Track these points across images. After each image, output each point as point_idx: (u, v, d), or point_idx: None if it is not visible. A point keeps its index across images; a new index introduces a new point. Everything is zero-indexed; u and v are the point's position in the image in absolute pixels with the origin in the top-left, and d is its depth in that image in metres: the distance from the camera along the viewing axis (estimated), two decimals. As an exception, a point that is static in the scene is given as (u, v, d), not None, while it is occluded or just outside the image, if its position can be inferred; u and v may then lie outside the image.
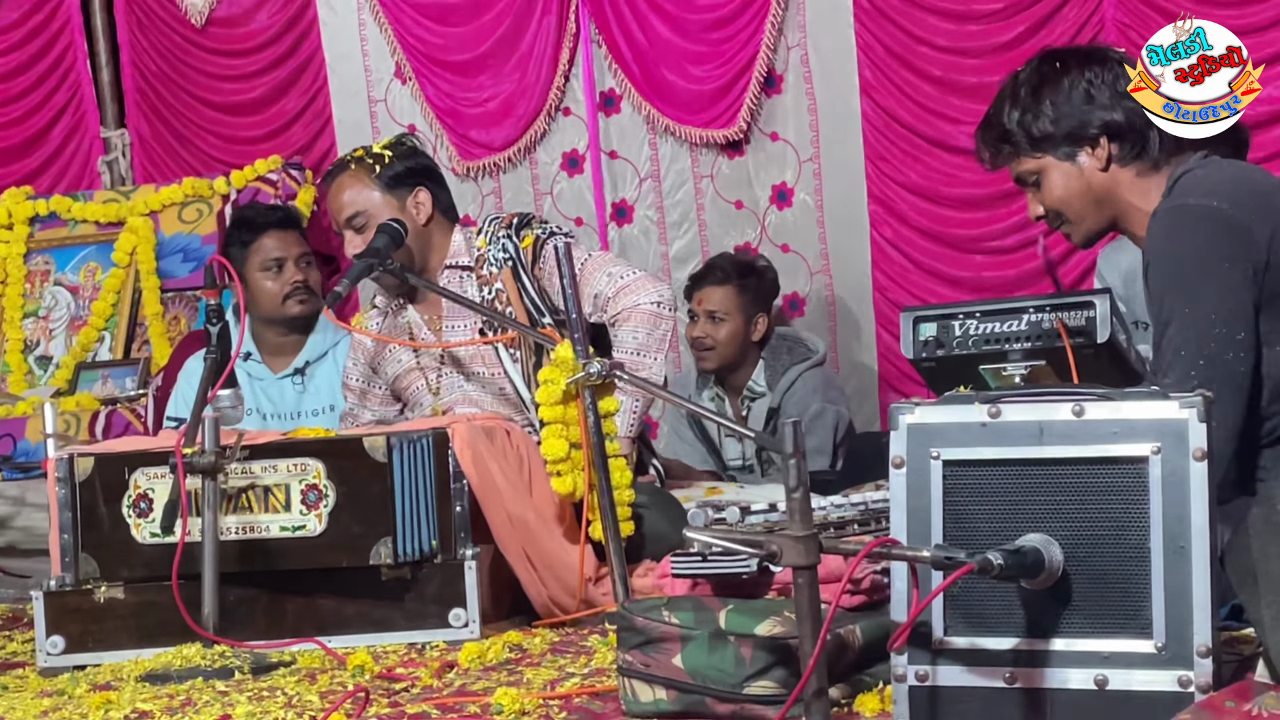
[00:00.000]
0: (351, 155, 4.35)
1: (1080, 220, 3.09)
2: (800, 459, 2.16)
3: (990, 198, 5.60)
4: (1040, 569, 2.18)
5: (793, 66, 5.90)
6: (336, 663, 3.24)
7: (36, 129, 6.97)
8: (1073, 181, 3.05)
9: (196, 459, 3.39)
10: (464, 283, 4.23)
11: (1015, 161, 3.12)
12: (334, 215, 4.30)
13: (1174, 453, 2.18)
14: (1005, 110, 3.10)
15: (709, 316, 5.45)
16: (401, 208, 4.24)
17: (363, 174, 4.26)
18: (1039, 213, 3.13)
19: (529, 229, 4.23)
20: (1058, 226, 3.14)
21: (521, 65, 6.19)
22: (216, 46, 6.71)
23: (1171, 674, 2.16)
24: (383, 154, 4.29)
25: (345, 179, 4.28)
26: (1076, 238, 3.15)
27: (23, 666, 3.63)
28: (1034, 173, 3.09)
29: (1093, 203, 3.06)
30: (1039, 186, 3.10)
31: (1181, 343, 2.80)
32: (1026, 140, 3.07)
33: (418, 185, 4.27)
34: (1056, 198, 3.08)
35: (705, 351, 5.47)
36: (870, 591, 2.63)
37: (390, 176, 4.25)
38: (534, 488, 3.69)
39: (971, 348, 3.27)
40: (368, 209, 4.24)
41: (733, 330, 5.44)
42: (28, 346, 6.40)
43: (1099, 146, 3.01)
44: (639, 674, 2.52)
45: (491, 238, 4.24)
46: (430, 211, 4.27)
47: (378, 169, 4.25)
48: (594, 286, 4.15)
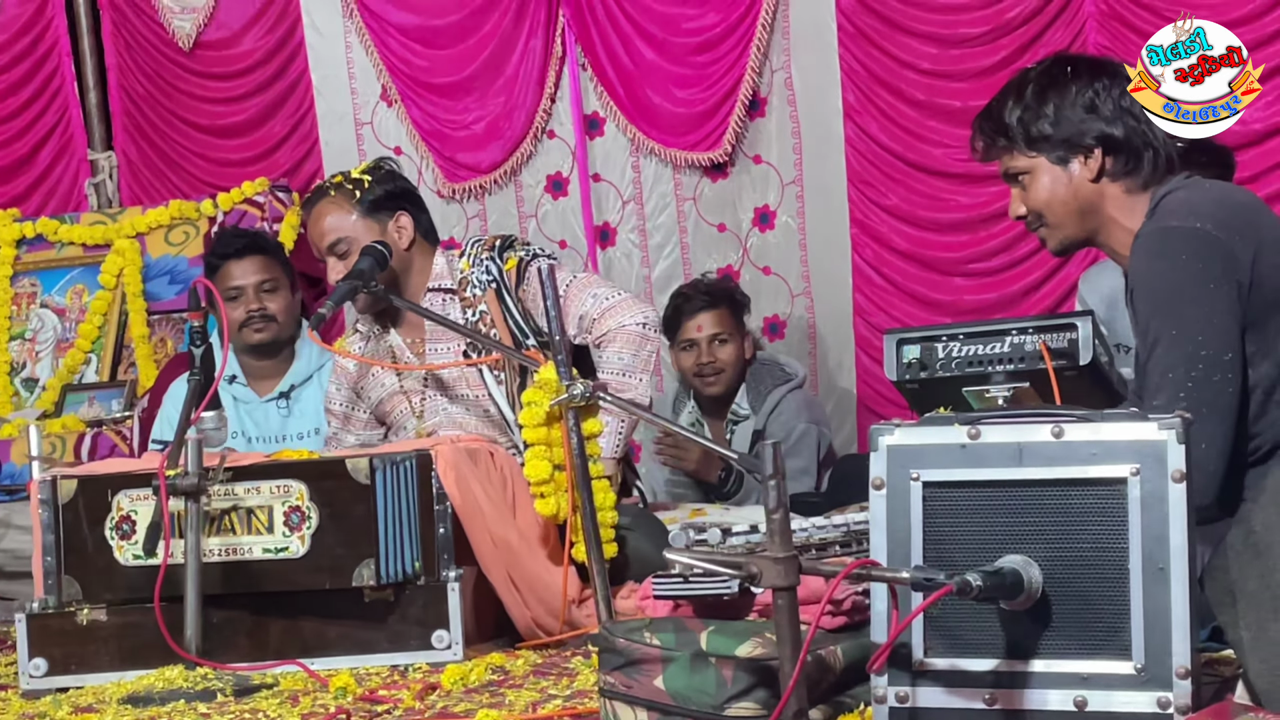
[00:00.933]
0: (330, 182, 4.34)
1: (1059, 226, 3.10)
2: (780, 480, 2.17)
3: (972, 221, 5.63)
4: (1019, 590, 2.18)
5: (776, 89, 5.92)
6: (319, 685, 3.24)
7: (24, 151, 6.97)
8: (1060, 187, 3.05)
9: (179, 481, 3.39)
10: (447, 305, 4.23)
11: (1008, 156, 3.11)
12: (315, 242, 4.29)
13: (1153, 474, 2.18)
14: (1009, 104, 3.09)
15: (713, 340, 5.37)
16: (383, 231, 4.24)
17: (342, 200, 4.25)
18: (1020, 212, 3.13)
19: (512, 251, 4.23)
20: (1036, 229, 3.14)
21: (507, 88, 6.21)
22: (204, 69, 6.72)
23: (1151, 695, 2.17)
24: (362, 179, 4.28)
25: (325, 205, 4.27)
26: (1052, 243, 3.15)
27: (5, 689, 3.63)
28: (1024, 170, 3.08)
29: (1076, 211, 3.06)
30: (1025, 186, 3.10)
31: (1169, 365, 2.80)
32: (1023, 137, 3.07)
33: (398, 209, 4.27)
34: (1042, 200, 3.08)
35: (714, 376, 5.37)
36: (851, 613, 2.63)
37: (370, 201, 4.24)
38: (517, 509, 3.69)
39: (955, 370, 3.28)
40: (349, 235, 4.23)
41: (736, 351, 5.39)
42: (14, 368, 6.40)
43: (1092, 157, 3.02)
44: (621, 695, 2.53)
45: (474, 260, 4.24)
46: (412, 235, 4.27)
47: (357, 194, 4.25)
48: (579, 308, 4.16)
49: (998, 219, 5.52)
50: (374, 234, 4.22)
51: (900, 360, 3.34)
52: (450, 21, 6.27)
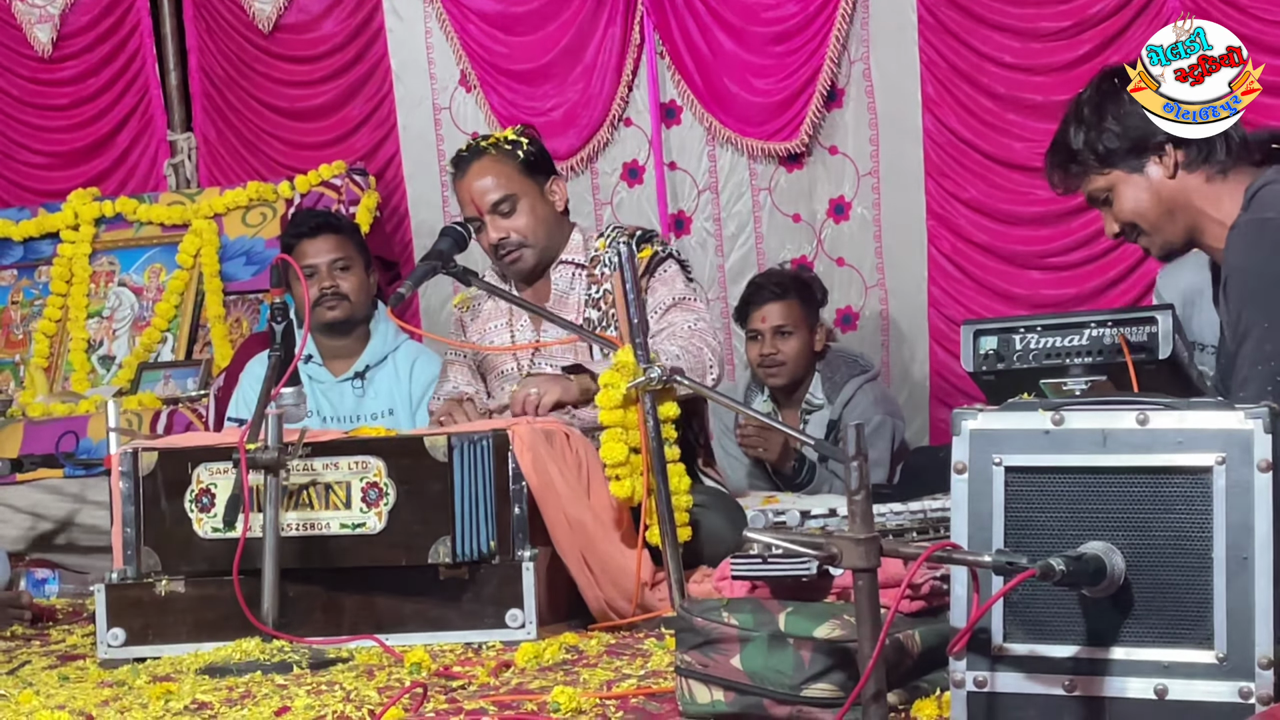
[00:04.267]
0: (483, 141, 4.34)
1: (1156, 231, 3.09)
2: (863, 462, 2.17)
3: (1052, 215, 5.61)
4: (1102, 576, 2.17)
5: (855, 80, 5.92)
6: (394, 660, 3.26)
7: (104, 131, 7.06)
8: (1143, 193, 3.05)
9: (259, 455, 3.42)
10: (575, 279, 4.27)
11: (1086, 181, 3.13)
12: (475, 200, 4.26)
13: (1239, 463, 2.17)
14: (1071, 132, 3.11)
15: (776, 332, 5.38)
16: (541, 192, 4.25)
17: (504, 157, 4.26)
18: (1115, 230, 3.14)
19: (650, 244, 4.26)
20: (1135, 239, 3.14)
21: (586, 75, 6.22)
22: (283, 52, 6.77)
23: (1233, 685, 2.15)
24: (519, 140, 4.29)
25: (486, 163, 4.27)
26: (1155, 249, 3.15)
27: (83, 658, 3.67)
28: (1105, 189, 3.10)
29: (1165, 212, 3.06)
30: (1110, 204, 3.10)
31: (1259, 356, 2.80)
32: (1094, 158, 3.08)
33: (553, 172, 4.29)
34: (1130, 210, 3.08)
35: (775, 368, 5.39)
36: (929, 598, 2.63)
37: (531, 162, 4.26)
38: (592, 491, 3.70)
39: (1032, 361, 3.27)
40: (515, 191, 4.22)
41: (801, 343, 5.40)
42: (91, 346, 6.47)
43: (1165, 154, 3.01)
44: (697, 675, 2.53)
45: (611, 242, 4.27)
46: (565, 200, 4.30)
47: (519, 153, 4.26)
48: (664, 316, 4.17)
49: (1078, 214, 5.50)
50: (534, 193, 4.23)
51: (977, 351, 3.33)
52: (530, 8, 6.29)
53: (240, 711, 2.79)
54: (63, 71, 7.10)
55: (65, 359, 6.44)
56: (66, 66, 7.09)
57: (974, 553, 2.21)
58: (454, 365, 4.49)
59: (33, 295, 6.64)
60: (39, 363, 6.41)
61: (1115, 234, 3.15)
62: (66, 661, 3.62)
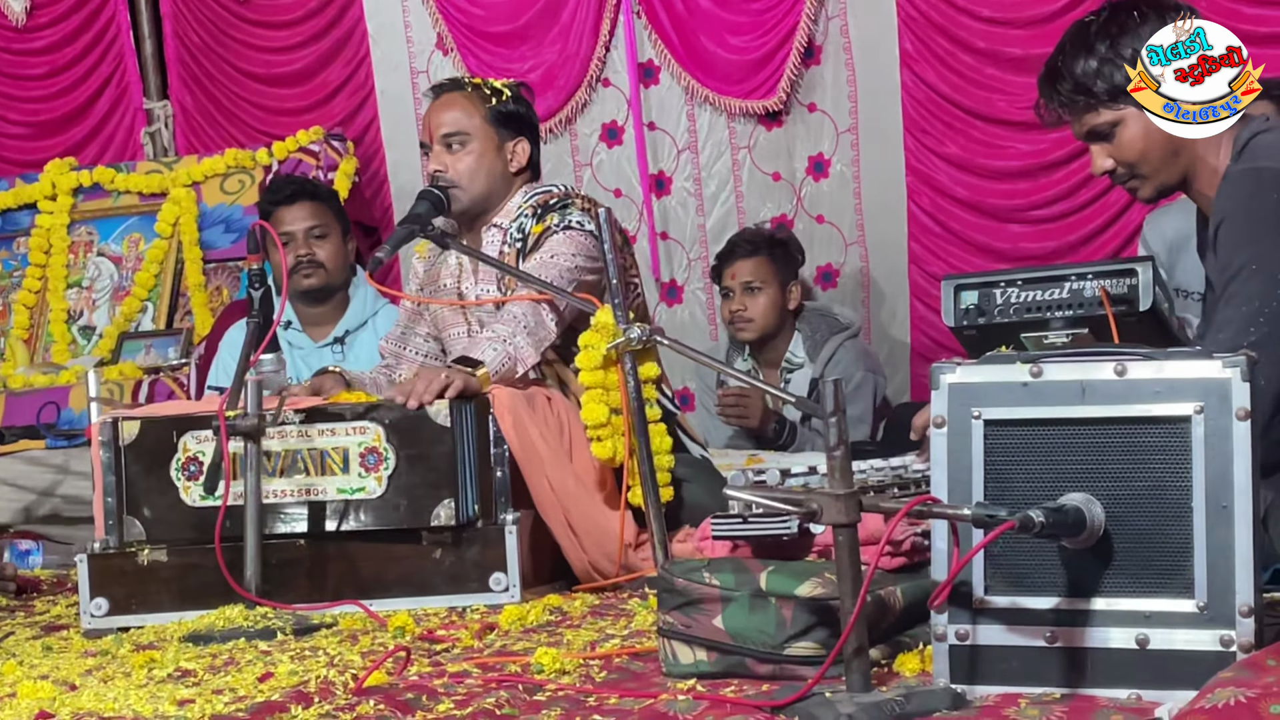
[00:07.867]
0: (470, 79, 4.31)
1: (1155, 173, 3.05)
2: (841, 417, 2.17)
3: (1033, 169, 5.59)
4: (1082, 528, 2.17)
5: (832, 37, 5.89)
6: (378, 624, 3.26)
7: (80, 101, 7.02)
8: (1154, 132, 2.99)
9: (239, 422, 3.41)
10: (498, 241, 4.17)
11: (1091, 114, 3.04)
12: (431, 128, 4.20)
13: (1217, 412, 2.16)
14: (1080, 61, 3.03)
15: (745, 288, 5.44)
16: (499, 147, 4.19)
17: (476, 99, 4.20)
18: (1106, 167, 3.07)
19: (554, 214, 4.09)
20: (1125, 181, 3.09)
21: (563, 36, 6.19)
22: (259, 18, 6.73)
23: (1214, 633, 2.15)
24: (502, 90, 4.24)
25: (457, 97, 4.22)
26: (1146, 192, 3.10)
27: (67, 629, 3.66)
28: (1112, 124, 3.03)
29: (1170, 153, 3.01)
30: (1110, 139, 3.05)
31: (1244, 299, 2.79)
32: (1107, 91, 3.02)
33: (522, 134, 4.24)
34: (1137, 150, 3.02)
35: (744, 324, 5.45)
36: (910, 554, 2.63)
37: (502, 114, 4.19)
38: (574, 453, 3.70)
39: (1013, 315, 3.27)
40: (469, 133, 4.16)
41: (770, 300, 5.44)
42: (71, 316, 6.45)
43: None
44: (679, 635, 2.53)
45: (522, 212, 4.17)
46: (523, 164, 4.22)
47: (494, 100, 4.20)
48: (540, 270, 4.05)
49: (1059, 166, 5.49)
50: (492, 144, 4.15)
51: (958, 306, 3.33)
52: (506, -31, 6.26)
53: (224, 678, 2.79)
54: (37, 41, 7.06)
55: (45, 330, 6.42)
56: (41, 35, 7.05)
57: (954, 506, 2.20)
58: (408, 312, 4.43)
59: (11, 267, 6.62)
60: (19, 334, 6.40)
61: (1104, 171, 3.10)
62: (50, 632, 3.62)
